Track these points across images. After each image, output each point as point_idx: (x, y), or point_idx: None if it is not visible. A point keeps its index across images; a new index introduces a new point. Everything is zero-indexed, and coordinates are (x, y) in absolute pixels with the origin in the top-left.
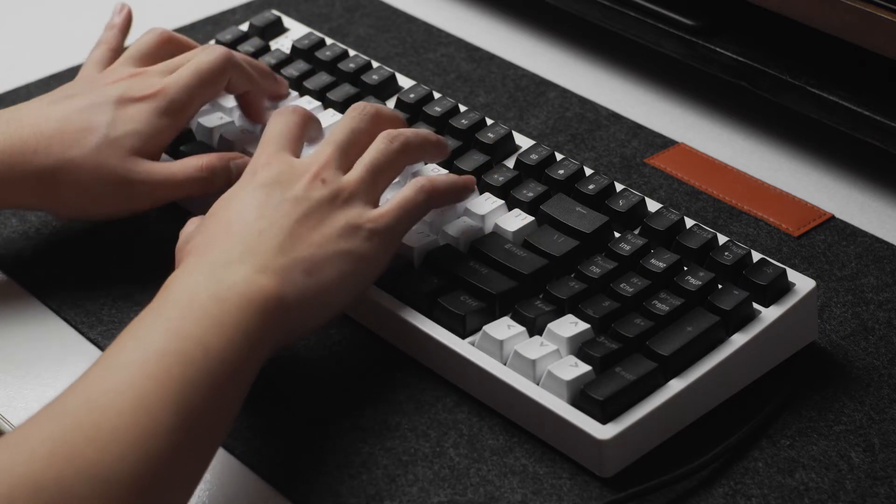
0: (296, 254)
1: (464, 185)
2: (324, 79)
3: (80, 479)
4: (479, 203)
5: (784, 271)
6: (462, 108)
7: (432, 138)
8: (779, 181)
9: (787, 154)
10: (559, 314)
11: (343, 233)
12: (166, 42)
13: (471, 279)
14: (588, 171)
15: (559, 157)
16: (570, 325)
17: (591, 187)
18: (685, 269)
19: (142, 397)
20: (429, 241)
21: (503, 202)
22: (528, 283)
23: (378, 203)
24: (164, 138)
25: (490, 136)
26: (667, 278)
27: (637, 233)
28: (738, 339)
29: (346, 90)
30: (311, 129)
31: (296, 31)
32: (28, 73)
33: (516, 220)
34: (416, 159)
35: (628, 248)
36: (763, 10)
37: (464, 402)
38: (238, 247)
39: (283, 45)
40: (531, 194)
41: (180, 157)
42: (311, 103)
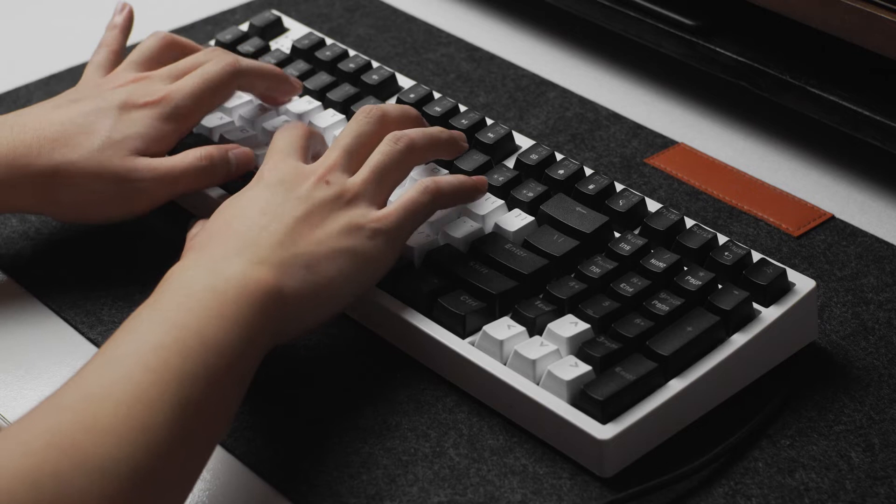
0: (296, 249)
1: (473, 187)
2: (324, 79)
3: (78, 471)
4: (479, 203)
5: (784, 271)
6: (462, 108)
7: (443, 135)
8: (779, 181)
9: (787, 154)
10: (559, 314)
11: (345, 231)
12: (169, 46)
13: (471, 279)
14: (588, 171)
15: (559, 157)
16: (570, 325)
17: (591, 187)
18: (685, 269)
19: (140, 390)
20: (429, 241)
21: (503, 202)
22: (528, 283)
23: (384, 205)
24: (166, 143)
25: (490, 136)
26: (667, 278)
27: (637, 233)
28: (738, 339)
29: (346, 90)
30: (315, 143)
31: (296, 31)
32: (28, 73)
33: (516, 220)
34: (426, 158)
35: (628, 248)
36: (763, 10)
37: (464, 402)
38: (237, 241)
39: (283, 45)
40: (531, 194)
41: None
42: (311, 103)
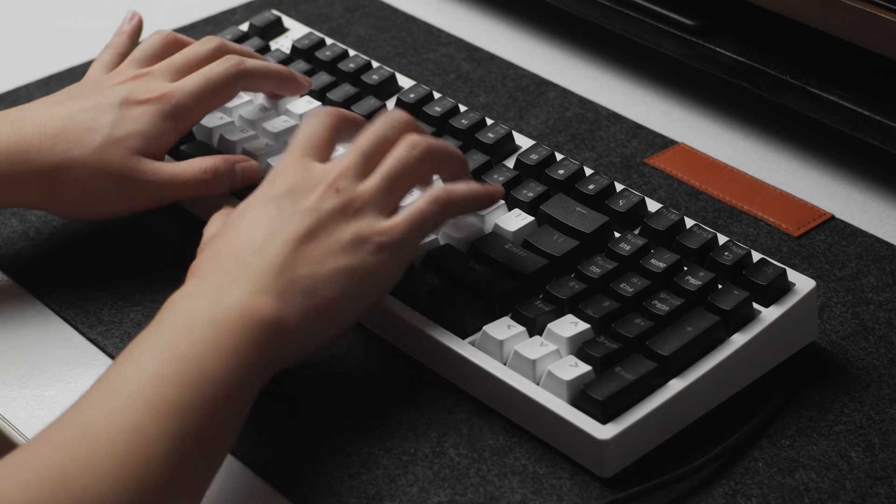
0: (295, 273)
1: (486, 195)
2: (324, 79)
3: None
4: None
5: (784, 271)
6: (462, 108)
7: (458, 154)
8: (779, 181)
9: (787, 154)
10: (559, 314)
11: (349, 246)
12: (172, 44)
13: (471, 279)
14: (588, 171)
15: (559, 157)
16: (570, 325)
17: (591, 187)
18: (685, 269)
19: (137, 424)
20: (429, 241)
21: (503, 202)
22: (528, 283)
23: (394, 212)
24: (166, 141)
25: (490, 136)
26: (667, 278)
27: (637, 233)
28: (738, 339)
29: (346, 90)
30: (346, 131)
31: (296, 31)
32: (28, 73)
33: (516, 220)
34: (440, 170)
35: (628, 248)
36: (763, 10)
37: (464, 402)
38: (238, 268)
39: (283, 45)
40: (531, 194)
41: (181, 158)
42: (311, 103)
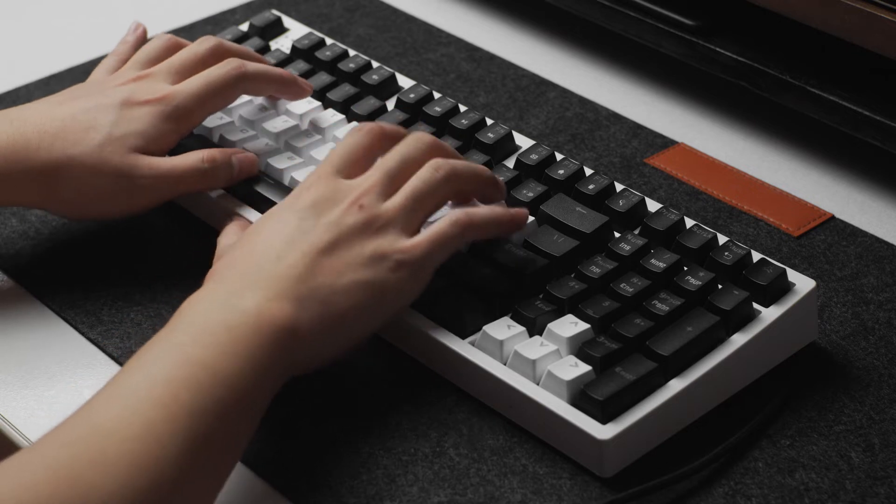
0: (314, 282)
1: (509, 220)
2: (324, 79)
3: None
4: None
5: (784, 271)
6: (462, 108)
7: (485, 174)
8: (779, 181)
9: (787, 154)
10: (559, 314)
11: (368, 261)
12: (173, 48)
13: (471, 279)
14: (588, 171)
15: (559, 157)
16: (570, 325)
17: (591, 187)
18: (685, 269)
19: (149, 424)
20: None
21: (503, 202)
22: (528, 283)
23: (416, 233)
24: (166, 142)
25: (490, 136)
26: (667, 278)
27: (637, 233)
28: (738, 339)
29: (346, 90)
30: (385, 148)
31: (296, 31)
32: (28, 73)
33: None
34: (464, 192)
35: (628, 248)
36: (763, 10)
37: (464, 402)
38: (256, 274)
39: (283, 45)
40: (531, 194)
41: (180, 154)
42: (311, 103)
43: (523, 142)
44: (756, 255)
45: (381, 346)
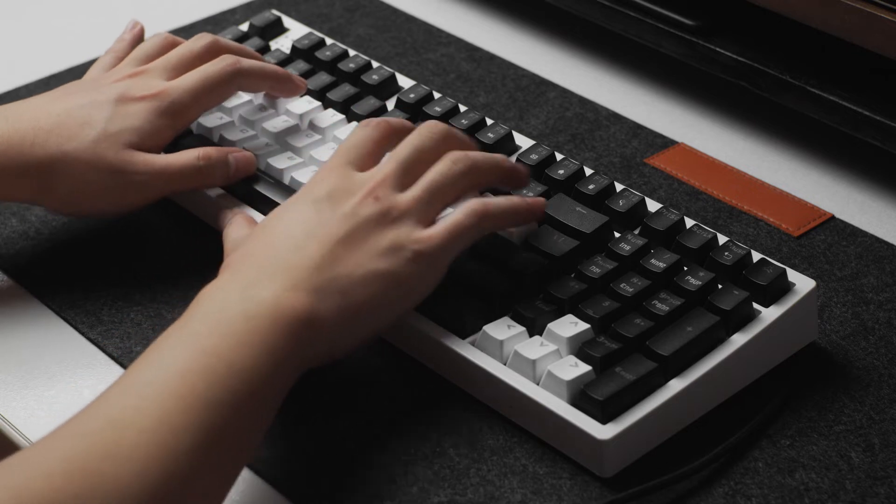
0: (332, 272)
1: (527, 209)
2: (324, 79)
3: (97, 497)
4: None
5: (784, 271)
6: (462, 108)
7: (506, 164)
8: (779, 181)
9: (787, 154)
10: (559, 314)
11: (385, 252)
12: (170, 46)
13: (471, 279)
14: (588, 171)
15: (559, 157)
16: (570, 325)
17: (591, 187)
18: (685, 269)
19: (164, 416)
20: None
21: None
22: (528, 283)
23: (432, 223)
24: (161, 137)
25: (490, 136)
26: (667, 278)
27: (637, 233)
28: (738, 339)
29: (346, 90)
30: (394, 142)
31: (296, 31)
32: (28, 73)
33: None
34: (483, 184)
35: (628, 248)
36: (763, 10)
37: (464, 401)
38: (273, 264)
39: (283, 45)
40: (531, 194)
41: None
42: (311, 103)
43: (523, 142)
44: (756, 255)
45: (381, 346)
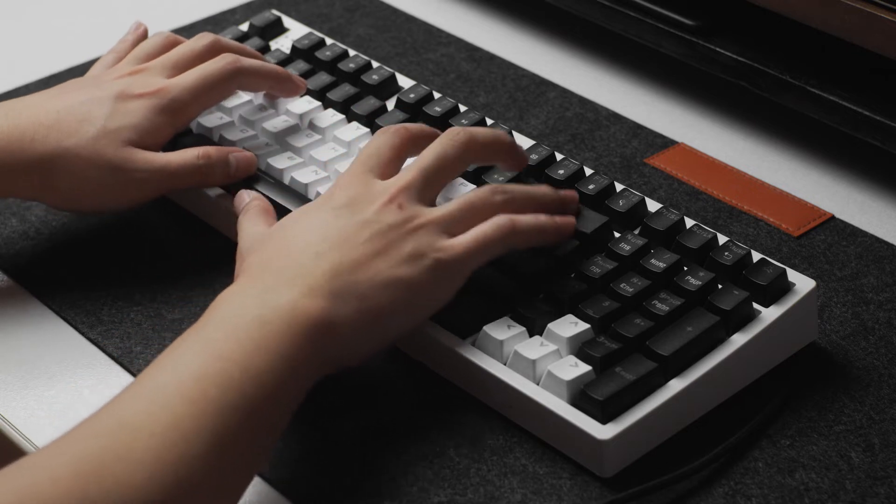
0: (351, 277)
1: (554, 230)
2: (324, 79)
3: (108, 500)
4: None
5: (784, 271)
6: (462, 108)
7: (549, 194)
8: (779, 181)
9: (787, 154)
10: (559, 314)
11: (406, 259)
12: (172, 45)
13: (471, 279)
14: (588, 171)
15: (559, 157)
16: (570, 325)
17: (591, 187)
18: (685, 269)
19: (177, 420)
20: None
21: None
22: (528, 283)
23: (457, 234)
24: (161, 135)
25: None
26: (667, 278)
27: (637, 233)
28: (738, 339)
29: (346, 90)
30: (415, 148)
31: (296, 31)
32: (28, 73)
33: None
34: (521, 210)
35: (628, 248)
36: (763, 10)
37: (464, 401)
38: (291, 270)
39: (283, 45)
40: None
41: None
42: (311, 103)
43: (523, 142)
44: (756, 255)
45: None
